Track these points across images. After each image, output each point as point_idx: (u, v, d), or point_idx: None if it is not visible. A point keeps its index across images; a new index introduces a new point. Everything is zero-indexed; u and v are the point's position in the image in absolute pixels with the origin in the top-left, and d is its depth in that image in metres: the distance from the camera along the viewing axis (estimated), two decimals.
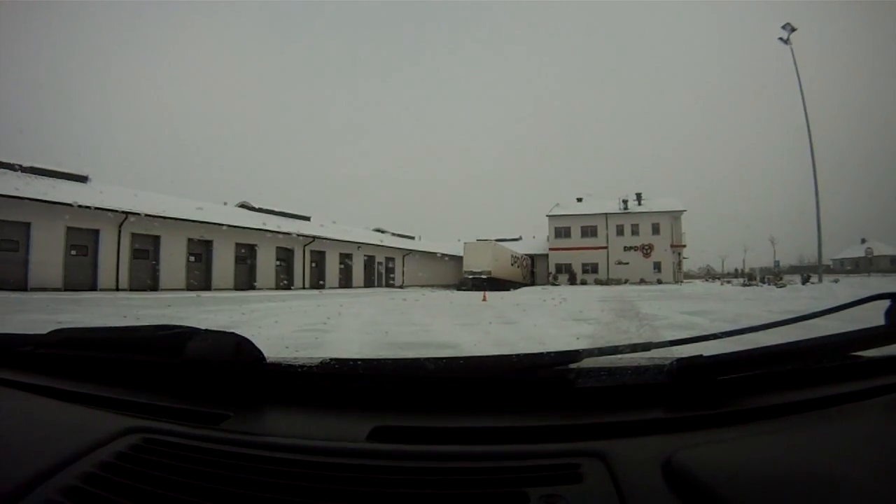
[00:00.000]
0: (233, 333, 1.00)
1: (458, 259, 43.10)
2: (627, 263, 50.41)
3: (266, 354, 1.01)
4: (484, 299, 18.84)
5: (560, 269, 52.16)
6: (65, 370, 1.13)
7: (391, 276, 45.10)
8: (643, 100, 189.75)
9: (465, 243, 42.55)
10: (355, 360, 1.01)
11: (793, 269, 61.12)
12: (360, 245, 40.06)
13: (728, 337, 1.00)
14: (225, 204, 35.77)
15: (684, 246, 52.13)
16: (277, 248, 33.07)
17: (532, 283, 49.81)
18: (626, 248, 51.10)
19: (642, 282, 46.96)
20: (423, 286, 42.08)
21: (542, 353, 0.94)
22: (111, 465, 0.73)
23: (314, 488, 0.67)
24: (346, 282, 38.80)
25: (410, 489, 0.66)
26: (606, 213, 52.07)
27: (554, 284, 47.24)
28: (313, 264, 36.31)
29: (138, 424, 0.85)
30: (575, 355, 0.91)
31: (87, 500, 0.66)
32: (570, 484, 0.65)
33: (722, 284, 42.59)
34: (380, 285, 42.00)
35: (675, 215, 51.02)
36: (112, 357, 1.12)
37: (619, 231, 51.71)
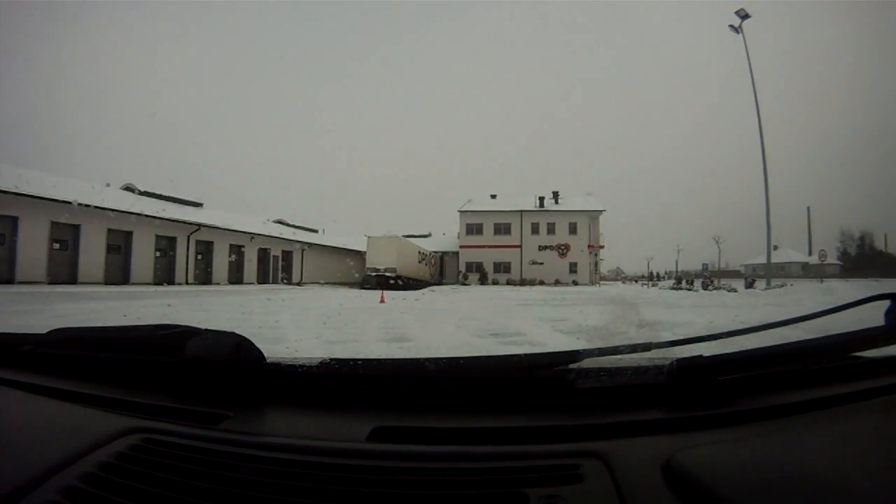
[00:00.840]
0: (233, 333, 1.00)
1: (363, 255, 39.20)
2: (542, 263, 47.62)
3: (266, 354, 1.00)
4: (382, 300, 15.79)
5: (471, 267, 48.54)
6: (65, 370, 1.13)
7: (289, 271, 40.36)
8: (564, 99, 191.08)
9: (368, 237, 37.83)
10: (355, 360, 1.00)
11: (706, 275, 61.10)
12: (253, 236, 35.10)
13: (728, 337, 1.00)
14: (108, 185, 30.83)
15: (602, 247, 50.32)
16: (157, 236, 28.44)
17: (441, 283, 46.38)
18: (542, 248, 48.38)
19: (557, 283, 44.72)
20: (324, 283, 38.06)
21: (541, 354, 0.95)
22: (111, 466, 0.73)
23: (314, 488, 0.67)
24: (236, 276, 33.90)
25: (410, 489, 0.66)
26: (521, 211, 49.08)
27: (464, 284, 44.11)
28: (199, 256, 31.55)
29: (138, 424, 0.85)
30: (575, 355, 0.91)
31: (87, 501, 0.66)
32: (570, 484, 0.65)
33: (645, 287, 40.42)
34: (276, 281, 37.48)
35: (594, 215, 48.90)
36: (112, 357, 1.12)
37: (535, 230, 48.77)
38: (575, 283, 45.53)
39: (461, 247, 49.76)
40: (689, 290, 30.91)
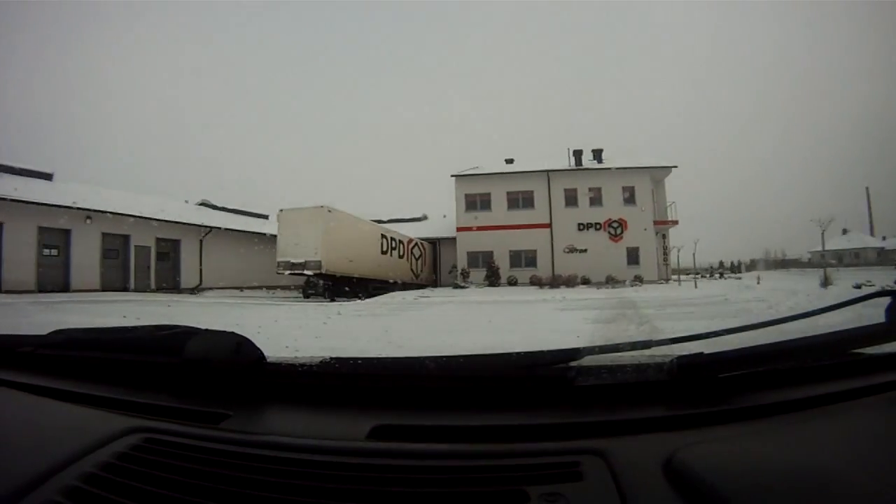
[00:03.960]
0: (233, 333, 1.01)
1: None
2: (584, 251, 29.62)
3: (266, 354, 1.01)
4: None
5: (475, 260, 30.31)
6: (65, 370, 1.14)
7: (174, 270, 25.31)
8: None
9: (280, 213, 22.00)
10: (355, 359, 1.01)
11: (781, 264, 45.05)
12: (89, 215, 21.33)
13: (729, 335, 0.99)
14: None
15: (675, 223, 31.42)
16: None
17: (435, 283, 30.92)
18: (582, 227, 30.15)
19: (610, 282, 27.04)
20: (244, 289, 24.81)
21: (542, 352, 0.94)
22: (112, 466, 0.73)
23: (315, 487, 0.68)
24: (55, 278, 20.57)
25: (410, 488, 0.67)
26: (549, 171, 30.85)
27: (459, 286, 26.75)
28: None
29: (139, 424, 0.86)
30: (575, 353, 0.91)
31: (88, 501, 0.66)
32: (570, 482, 0.65)
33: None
34: (142, 288, 23.02)
35: (658, 175, 30.94)
36: (112, 357, 1.13)
37: (571, 200, 30.53)
38: (638, 279, 27.66)
39: (458, 229, 31.56)
40: None
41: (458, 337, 7.79)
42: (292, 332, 7.84)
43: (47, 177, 23.98)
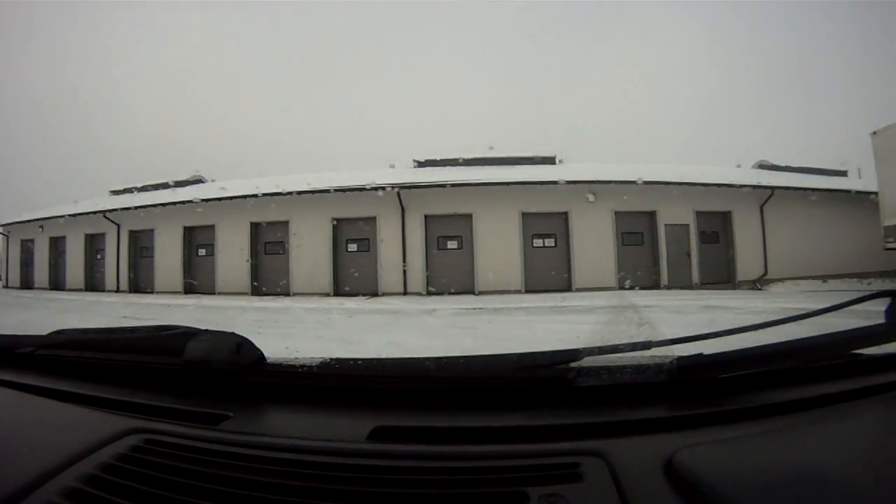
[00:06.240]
0: (233, 333, 1.00)
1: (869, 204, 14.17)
2: None
3: (266, 354, 1.00)
4: None
5: None
6: (65, 371, 1.13)
7: (729, 255, 16.36)
8: None
9: (873, 136, 12.18)
10: (356, 360, 1.00)
11: None
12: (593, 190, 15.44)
13: (729, 335, 0.99)
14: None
15: None
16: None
17: None
18: None
19: None
20: (827, 278, 15.64)
21: (542, 352, 0.93)
22: (112, 467, 0.73)
23: (314, 488, 0.67)
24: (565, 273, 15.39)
25: (410, 489, 0.66)
26: None
27: None
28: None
29: (139, 425, 0.85)
30: (575, 354, 0.91)
31: (88, 502, 0.66)
32: (570, 483, 0.65)
33: None
34: (695, 282, 15.79)
35: None
36: (113, 358, 1.12)
37: None
38: None
39: None
40: None
41: None
42: None
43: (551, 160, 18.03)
